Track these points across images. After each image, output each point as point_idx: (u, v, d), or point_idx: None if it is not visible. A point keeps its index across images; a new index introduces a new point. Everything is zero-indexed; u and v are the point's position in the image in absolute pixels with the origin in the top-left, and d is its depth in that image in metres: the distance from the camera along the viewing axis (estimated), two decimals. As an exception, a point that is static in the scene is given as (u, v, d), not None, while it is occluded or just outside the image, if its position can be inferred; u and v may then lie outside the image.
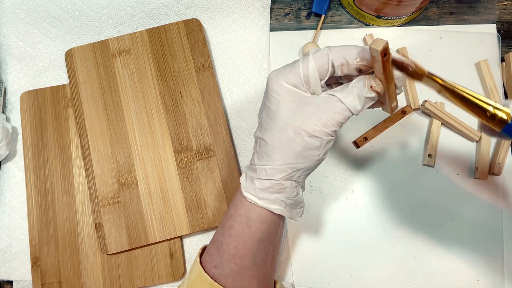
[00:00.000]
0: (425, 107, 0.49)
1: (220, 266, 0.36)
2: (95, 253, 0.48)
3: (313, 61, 0.33)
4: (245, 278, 0.36)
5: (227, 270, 0.35)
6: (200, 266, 0.37)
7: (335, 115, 0.32)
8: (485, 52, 0.52)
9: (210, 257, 0.37)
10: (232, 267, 0.35)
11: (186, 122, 0.50)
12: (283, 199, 0.34)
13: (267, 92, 0.34)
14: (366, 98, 0.32)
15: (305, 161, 0.33)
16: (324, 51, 0.33)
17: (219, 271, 0.36)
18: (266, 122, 0.34)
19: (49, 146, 0.51)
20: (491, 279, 0.47)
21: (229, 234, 0.35)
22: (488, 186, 0.49)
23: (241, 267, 0.35)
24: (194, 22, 0.52)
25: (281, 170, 0.33)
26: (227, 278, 0.35)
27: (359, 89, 0.32)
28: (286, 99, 0.33)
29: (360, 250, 0.48)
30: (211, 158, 0.49)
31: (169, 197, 0.48)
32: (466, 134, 0.49)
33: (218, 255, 0.36)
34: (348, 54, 0.32)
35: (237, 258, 0.35)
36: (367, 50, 0.32)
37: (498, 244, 0.48)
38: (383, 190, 0.50)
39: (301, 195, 0.36)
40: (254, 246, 0.35)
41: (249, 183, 0.35)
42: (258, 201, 0.34)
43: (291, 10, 0.55)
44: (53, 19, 0.54)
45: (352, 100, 0.32)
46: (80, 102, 0.51)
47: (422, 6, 0.50)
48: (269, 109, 0.34)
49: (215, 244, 0.37)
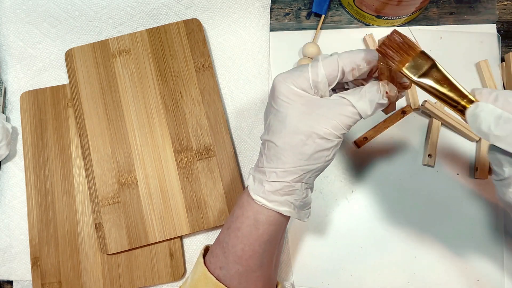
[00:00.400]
0: (425, 107, 0.49)
1: (226, 267, 0.36)
2: (95, 253, 0.48)
3: (323, 67, 0.33)
4: (251, 279, 0.36)
5: (233, 272, 0.35)
6: (204, 266, 0.37)
7: (345, 118, 0.32)
8: (485, 52, 0.52)
9: (215, 258, 0.37)
10: (238, 269, 0.35)
11: (186, 122, 0.50)
12: (293, 201, 0.34)
13: (274, 95, 0.34)
14: (377, 104, 0.33)
15: (315, 163, 0.33)
16: (333, 58, 0.33)
17: (224, 272, 0.36)
18: (275, 125, 0.34)
19: (49, 146, 0.51)
20: (491, 279, 0.47)
21: (235, 236, 0.35)
22: (488, 186, 0.49)
23: (247, 268, 0.35)
24: (194, 22, 0.52)
25: (292, 172, 0.33)
26: (233, 279, 0.35)
27: (372, 94, 0.32)
28: (295, 102, 0.33)
29: (360, 250, 0.48)
30: (211, 158, 0.49)
31: (169, 197, 0.48)
32: (466, 134, 0.49)
33: (223, 256, 0.36)
34: (357, 59, 0.33)
35: (244, 259, 0.35)
36: (373, 52, 0.33)
37: (498, 244, 0.48)
38: (383, 190, 0.50)
39: (310, 196, 0.36)
40: (261, 248, 0.35)
41: (258, 186, 0.34)
42: (268, 203, 0.34)
43: (291, 10, 0.55)
44: (53, 19, 0.54)
45: (364, 104, 0.32)
46: (80, 102, 0.51)
47: (422, 6, 0.50)
48: (278, 111, 0.34)
49: (220, 245, 0.37)
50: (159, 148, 0.49)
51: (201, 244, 0.49)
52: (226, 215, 0.47)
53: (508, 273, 0.47)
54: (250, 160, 0.50)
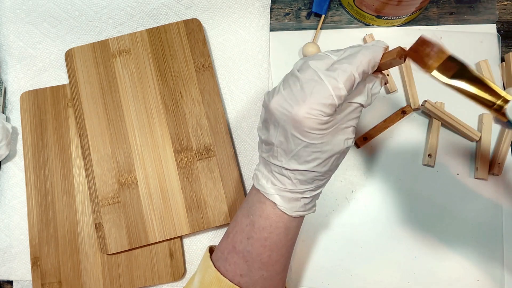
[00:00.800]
0: (425, 107, 0.49)
1: (248, 274, 0.36)
2: (95, 253, 0.48)
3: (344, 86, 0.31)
4: (274, 282, 0.37)
5: (257, 277, 0.36)
6: (215, 270, 0.36)
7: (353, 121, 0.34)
8: (485, 52, 0.52)
9: (233, 266, 0.36)
10: (263, 274, 0.36)
11: (186, 122, 0.50)
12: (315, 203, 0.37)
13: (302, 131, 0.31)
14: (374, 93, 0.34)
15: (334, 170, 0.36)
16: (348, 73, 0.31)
17: (246, 279, 0.36)
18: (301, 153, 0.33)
19: (49, 146, 0.51)
20: (491, 279, 0.47)
21: (262, 245, 0.35)
22: (488, 186, 0.49)
23: (272, 273, 0.36)
24: (194, 22, 0.52)
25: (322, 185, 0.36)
26: (256, 284, 0.36)
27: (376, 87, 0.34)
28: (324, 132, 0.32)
29: (360, 250, 0.48)
30: (211, 158, 0.49)
31: (169, 197, 0.48)
32: (466, 134, 0.49)
33: (245, 265, 0.36)
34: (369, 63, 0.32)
35: (270, 265, 0.36)
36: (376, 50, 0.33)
37: (498, 244, 0.48)
38: (383, 190, 0.50)
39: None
40: (287, 252, 0.36)
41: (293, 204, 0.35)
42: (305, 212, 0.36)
43: (291, 10, 0.55)
44: (53, 19, 0.54)
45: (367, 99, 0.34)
46: (80, 102, 0.51)
47: (422, 6, 0.50)
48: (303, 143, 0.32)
49: (239, 254, 0.36)
50: (159, 148, 0.49)
51: (202, 244, 0.49)
52: (226, 215, 0.47)
53: (508, 273, 0.47)
54: (250, 160, 0.50)
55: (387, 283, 0.47)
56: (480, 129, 0.50)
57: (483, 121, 0.50)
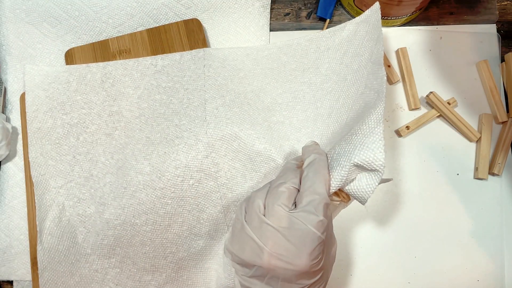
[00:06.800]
0: (430, 99, 0.49)
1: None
2: (95, 253, 0.48)
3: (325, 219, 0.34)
4: None
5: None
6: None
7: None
8: (485, 52, 0.52)
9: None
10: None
11: (186, 122, 0.50)
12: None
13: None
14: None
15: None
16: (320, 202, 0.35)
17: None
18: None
19: (49, 146, 0.50)
20: (491, 279, 0.47)
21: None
22: (488, 186, 0.49)
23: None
24: (194, 22, 0.52)
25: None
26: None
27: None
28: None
29: (360, 250, 0.48)
30: (211, 158, 0.49)
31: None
32: (466, 134, 0.49)
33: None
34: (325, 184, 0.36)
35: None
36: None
37: (498, 244, 0.48)
38: (382, 190, 0.50)
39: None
40: None
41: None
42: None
43: (291, 10, 0.55)
44: (53, 19, 0.54)
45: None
46: (80, 102, 0.51)
47: (422, 6, 0.50)
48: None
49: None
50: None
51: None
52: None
53: (508, 273, 0.47)
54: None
55: (387, 283, 0.47)
56: (480, 129, 0.50)
57: (483, 121, 0.50)
